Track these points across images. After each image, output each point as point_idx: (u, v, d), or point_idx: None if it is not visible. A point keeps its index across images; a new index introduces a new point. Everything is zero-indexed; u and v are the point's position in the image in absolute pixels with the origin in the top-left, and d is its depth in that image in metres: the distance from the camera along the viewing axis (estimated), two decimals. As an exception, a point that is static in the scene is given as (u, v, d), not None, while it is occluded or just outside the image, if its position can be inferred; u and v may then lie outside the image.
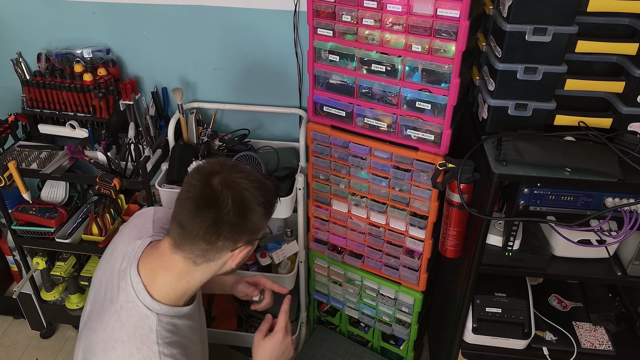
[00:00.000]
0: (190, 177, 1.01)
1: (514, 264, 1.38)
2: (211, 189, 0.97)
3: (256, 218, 1.01)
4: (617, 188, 1.21)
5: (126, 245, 1.12)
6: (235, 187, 0.98)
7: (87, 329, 1.08)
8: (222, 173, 0.99)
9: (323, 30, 1.44)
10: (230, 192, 0.97)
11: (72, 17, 1.87)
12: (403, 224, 1.61)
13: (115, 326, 1.01)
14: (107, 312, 1.04)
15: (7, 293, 2.26)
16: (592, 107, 1.33)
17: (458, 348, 1.57)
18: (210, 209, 0.97)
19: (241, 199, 0.98)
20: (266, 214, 1.03)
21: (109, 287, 1.08)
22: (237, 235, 1.01)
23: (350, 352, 1.95)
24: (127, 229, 1.19)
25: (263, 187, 1.02)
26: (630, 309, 1.65)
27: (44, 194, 2.00)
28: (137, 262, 1.06)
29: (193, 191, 0.98)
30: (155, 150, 1.79)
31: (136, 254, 1.08)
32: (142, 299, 1.02)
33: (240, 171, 1.01)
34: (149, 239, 1.11)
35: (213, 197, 0.97)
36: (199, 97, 1.98)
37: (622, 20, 1.24)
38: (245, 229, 1.01)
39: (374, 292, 1.79)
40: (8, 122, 1.87)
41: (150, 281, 1.04)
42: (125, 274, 1.06)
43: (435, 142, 1.43)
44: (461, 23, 1.24)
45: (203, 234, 0.98)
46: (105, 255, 1.17)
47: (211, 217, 0.97)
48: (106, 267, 1.13)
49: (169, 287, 1.04)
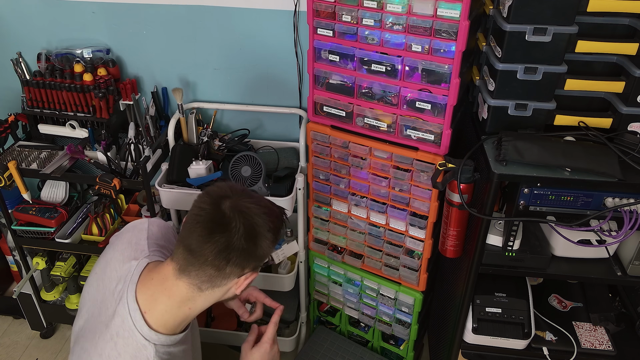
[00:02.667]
0: (200, 201, 1.00)
1: (514, 264, 1.38)
2: (222, 213, 0.97)
3: (265, 244, 1.01)
4: (617, 188, 1.21)
5: (120, 264, 1.09)
6: (247, 212, 0.98)
7: (80, 349, 1.05)
8: (232, 197, 0.99)
9: (323, 30, 1.44)
10: (241, 217, 0.97)
11: (72, 17, 1.87)
12: (403, 224, 1.61)
13: (111, 354, 0.99)
14: (101, 337, 1.01)
15: (7, 293, 2.26)
16: (592, 107, 1.33)
17: (458, 348, 1.57)
18: (222, 233, 0.96)
19: (252, 225, 0.98)
20: (274, 240, 1.03)
21: (103, 309, 1.05)
22: (246, 261, 1.01)
23: (350, 352, 1.95)
24: (120, 244, 1.15)
25: (272, 213, 1.02)
26: (630, 309, 1.65)
27: (44, 194, 2.00)
28: (135, 287, 1.03)
29: (204, 215, 0.97)
30: (155, 150, 1.79)
31: (132, 277, 1.04)
32: (139, 328, 1.00)
33: (250, 196, 1.01)
34: (145, 259, 1.08)
35: (224, 221, 0.96)
36: (199, 97, 1.98)
37: (622, 20, 1.24)
38: (255, 255, 1.01)
39: (374, 292, 1.79)
40: (8, 122, 1.87)
41: (149, 308, 1.02)
42: (121, 299, 1.03)
43: (435, 142, 1.43)
44: (461, 23, 1.24)
45: (212, 259, 0.97)
46: (97, 269, 1.13)
47: (222, 242, 0.96)
48: (99, 285, 1.09)
49: (168, 314, 1.02)
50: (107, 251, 1.16)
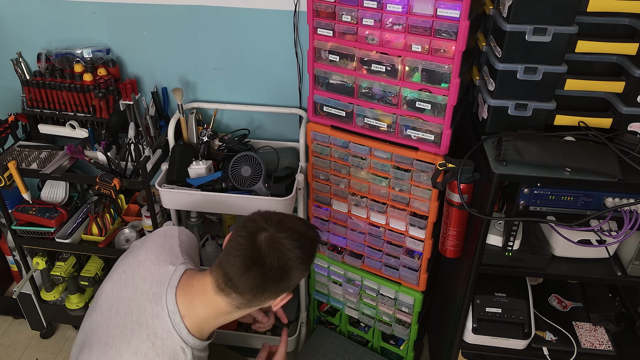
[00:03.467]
0: (238, 235, 1.06)
1: (514, 264, 1.38)
2: (258, 250, 1.03)
3: (298, 274, 1.08)
4: (617, 188, 1.21)
5: (155, 266, 1.13)
6: (280, 248, 1.04)
7: (105, 345, 1.07)
8: (268, 230, 1.05)
9: (323, 30, 1.44)
10: (275, 254, 1.03)
11: (72, 17, 1.87)
12: (403, 224, 1.61)
13: (148, 354, 1.03)
14: (136, 336, 1.04)
15: (7, 293, 2.26)
16: (592, 107, 1.33)
17: (458, 348, 1.57)
18: (257, 270, 1.03)
19: (286, 261, 1.04)
20: (307, 268, 1.10)
21: (136, 309, 1.08)
22: (281, 289, 1.09)
23: (350, 352, 1.95)
24: (153, 247, 1.18)
25: (305, 243, 1.08)
26: (630, 309, 1.65)
27: (44, 194, 2.00)
28: (175, 291, 1.07)
29: (241, 250, 1.04)
30: (155, 150, 1.79)
31: (172, 281, 1.09)
32: (179, 331, 1.05)
33: (284, 229, 1.06)
34: (182, 266, 1.13)
35: (260, 258, 1.03)
36: (199, 97, 1.98)
37: (622, 20, 1.24)
38: (289, 284, 1.08)
39: (374, 292, 1.79)
40: (8, 122, 1.87)
41: (187, 313, 1.06)
42: (160, 301, 1.07)
43: (435, 142, 1.43)
44: (461, 23, 1.24)
45: (249, 290, 1.04)
46: (125, 268, 1.16)
47: (258, 277, 1.03)
48: (128, 284, 1.12)
49: (205, 322, 1.08)
50: (138, 253, 1.18)
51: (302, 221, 1.13)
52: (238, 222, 1.06)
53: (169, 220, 1.85)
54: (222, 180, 1.72)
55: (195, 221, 1.99)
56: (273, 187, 1.69)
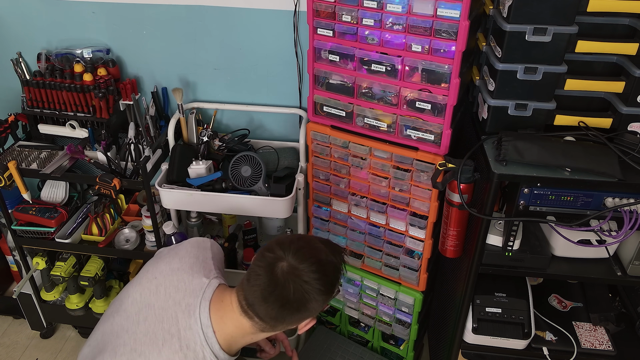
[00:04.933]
0: (256, 265, 1.06)
1: (514, 264, 1.38)
2: (276, 281, 1.02)
3: (317, 305, 1.06)
4: (617, 188, 1.21)
5: (189, 277, 1.13)
6: (297, 279, 1.02)
7: (134, 352, 1.06)
8: (286, 259, 1.03)
9: (323, 30, 1.44)
10: (292, 285, 1.02)
11: (72, 17, 1.87)
12: (403, 224, 1.61)
13: None
14: (167, 346, 1.04)
15: (7, 293, 2.26)
16: (592, 107, 1.33)
17: (458, 348, 1.57)
18: (275, 301, 1.03)
19: (303, 294, 1.03)
20: (328, 297, 1.08)
21: (167, 318, 1.08)
22: (301, 319, 1.09)
23: (350, 352, 1.95)
24: (186, 257, 1.18)
25: (326, 273, 1.06)
26: (630, 309, 1.65)
27: (44, 194, 2.00)
28: (208, 304, 1.08)
29: (259, 280, 1.04)
30: (155, 150, 1.79)
31: (205, 294, 1.09)
32: (211, 345, 1.05)
33: (302, 259, 1.04)
34: (216, 280, 1.13)
35: (277, 290, 1.02)
36: (199, 97, 1.98)
37: (622, 20, 1.24)
38: (308, 313, 1.08)
39: (374, 292, 1.79)
40: (8, 122, 1.87)
41: (218, 329, 1.07)
42: (194, 313, 1.07)
43: (435, 142, 1.43)
44: (461, 23, 1.24)
45: (270, 318, 1.05)
46: (156, 274, 1.15)
47: (276, 308, 1.03)
48: (160, 291, 1.12)
49: (233, 340, 1.09)
50: (171, 261, 1.18)
51: (325, 245, 1.10)
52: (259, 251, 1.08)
53: (169, 220, 1.85)
54: (222, 180, 1.72)
55: (195, 221, 1.99)
56: (273, 187, 1.69)
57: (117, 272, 2.15)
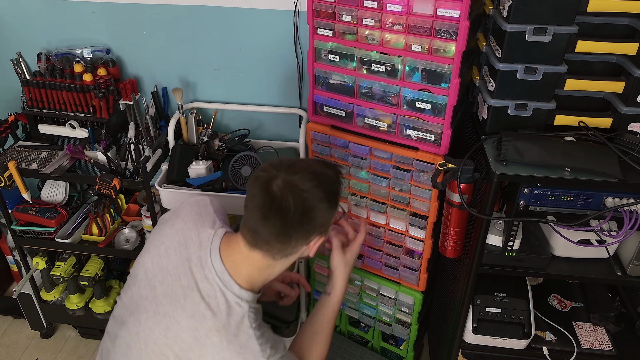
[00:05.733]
0: (251, 187, 1.04)
1: (514, 264, 1.38)
2: (272, 196, 1.00)
3: (321, 214, 1.04)
4: (617, 188, 1.21)
5: (196, 232, 1.13)
6: (294, 189, 1.01)
7: (158, 314, 1.07)
8: (280, 176, 1.02)
9: (323, 30, 1.44)
10: (291, 196, 1.00)
11: (72, 17, 1.88)
12: (403, 224, 1.61)
13: (205, 314, 1.03)
14: (189, 300, 1.05)
15: (7, 293, 2.26)
16: (592, 107, 1.33)
17: (458, 348, 1.57)
18: (276, 216, 1.00)
19: (302, 201, 1.01)
20: (331, 205, 1.06)
21: (183, 275, 1.08)
22: (308, 232, 1.05)
23: (350, 352, 1.95)
24: (189, 215, 1.18)
25: (323, 181, 1.04)
26: (630, 309, 1.65)
27: (44, 194, 2.00)
28: (218, 252, 1.08)
29: (256, 201, 1.02)
30: (155, 150, 1.79)
31: (214, 243, 1.10)
32: (230, 288, 1.06)
33: (296, 171, 1.03)
34: (221, 229, 1.13)
35: (275, 204, 1.00)
36: (199, 97, 1.98)
37: (622, 20, 1.24)
38: (314, 226, 1.05)
39: (374, 292, 1.79)
40: (8, 122, 1.87)
41: (234, 271, 1.07)
42: (206, 263, 1.07)
43: (435, 142, 1.43)
44: (461, 23, 1.24)
45: (275, 238, 1.03)
46: (163, 239, 1.15)
47: (278, 224, 1.01)
48: (170, 253, 1.12)
49: (252, 277, 1.08)
50: (174, 222, 1.18)
51: (317, 161, 1.11)
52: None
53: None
54: (222, 180, 1.72)
55: (195, 221, 1.99)
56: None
57: (117, 272, 2.15)
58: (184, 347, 1.04)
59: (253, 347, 1.04)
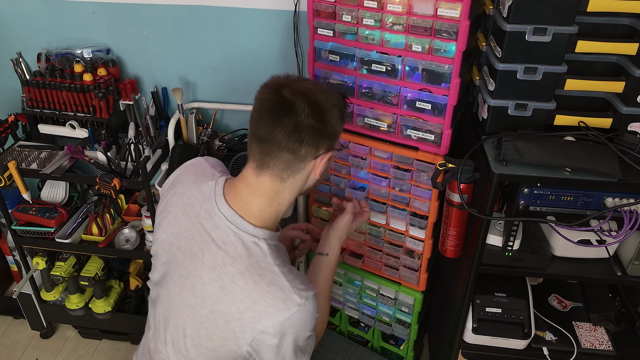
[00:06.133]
0: (261, 93, 1.03)
1: (514, 264, 1.38)
2: (285, 98, 0.99)
3: (333, 120, 1.03)
4: (617, 188, 1.21)
5: (198, 189, 1.10)
6: (307, 92, 1.00)
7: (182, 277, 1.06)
8: (290, 85, 1.01)
9: (323, 30, 1.44)
10: (304, 98, 0.99)
11: (72, 17, 1.88)
12: (403, 224, 1.61)
13: (225, 261, 1.01)
14: (207, 253, 1.03)
15: (7, 293, 2.27)
16: (592, 107, 1.33)
17: (458, 348, 1.57)
18: (289, 115, 0.98)
19: (316, 102, 1.00)
20: (341, 117, 1.06)
21: (196, 232, 1.06)
22: (318, 139, 1.02)
23: (350, 352, 1.95)
24: (186, 178, 1.16)
25: (332, 93, 1.05)
26: (630, 309, 1.65)
27: (44, 194, 2.00)
28: (223, 198, 1.06)
29: (267, 104, 1.00)
30: (155, 150, 1.79)
31: (217, 191, 1.07)
32: (244, 229, 1.03)
33: (306, 80, 1.04)
34: (222, 178, 1.10)
35: (288, 104, 0.98)
36: (199, 97, 1.98)
37: (622, 20, 1.24)
38: (325, 132, 1.03)
39: (374, 292, 1.79)
40: (8, 122, 1.87)
41: (244, 211, 1.04)
42: (214, 212, 1.05)
43: (436, 142, 1.43)
44: (461, 23, 1.24)
45: (286, 143, 0.99)
46: (170, 209, 1.14)
47: (291, 124, 0.98)
48: (179, 218, 1.10)
49: (264, 212, 1.05)
50: (175, 189, 1.17)
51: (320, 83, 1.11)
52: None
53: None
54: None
55: (195, 221, 1.99)
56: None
57: (117, 272, 2.15)
58: (213, 300, 1.01)
59: (282, 283, 0.99)
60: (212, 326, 1.02)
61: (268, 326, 0.97)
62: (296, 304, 0.97)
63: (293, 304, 0.97)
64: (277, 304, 0.97)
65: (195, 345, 1.06)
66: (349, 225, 1.29)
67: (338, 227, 1.29)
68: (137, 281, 2.09)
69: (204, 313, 1.03)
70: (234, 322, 1.00)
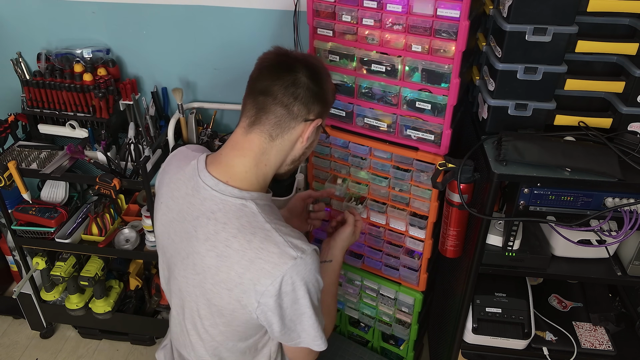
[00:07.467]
0: (264, 54, 1.07)
1: (514, 264, 1.38)
2: (286, 57, 1.06)
3: (327, 87, 1.08)
4: (617, 188, 1.21)
5: (181, 174, 1.11)
6: (307, 58, 1.07)
7: (184, 260, 1.07)
8: (291, 52, 1.08)
9: (323, 30, 1.44)
10: (303, 61, 1.05)
11: (72, 17, 1.88)
12: (403, 224, 1.61)
13: (217, 229, 1.00)
14: (199, 228, 1.03)
15: (7, 293, 2.27)
16: (592, 107, 1.33)
17: (458, 348, 1.57)
18: (289, 72, 1.02)
19: (314, 66, 1.05)
20: (334, 88, 1.12)
21: (186, 212, 1.06)
22: (312, 101, 1.04)
23: (350, 352, 1.94)
24: (171, 167, 1.17)
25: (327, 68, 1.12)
26: (630, 309, 1.65)
27: (44, 194, 2.00)
28: (206, 171, 1.05)
29: (269, 62, 1.05)
30: (155, 150, 1.79)
31: (199, 166, 1.07)
32: (229, 193, 1.02)
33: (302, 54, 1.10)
34: (203, 155, 1.10)
35: (289, 62, 1.04)
36: (199, 97, 1.98)
37: (622, 20, 1.24)
38: (319, 96, 1.05)
39: (374, 292, 1.79)
40: (8, 122, 1.87)
41: (229, 176, 1.04)
42: (199, 186, 1.04)
43: (435, 142, 1.43)
44: (461, 23, 1.24)
45: (282, 96, 1.01)
46: (162, 200, 1.15)
47: (290, 79, 1.02)
48: (170, 205, 1.11)
49: (250, 173, 1.05)
50: (163, 180, 1.17)
51: None
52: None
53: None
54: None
55: (195, 221, 1.99)
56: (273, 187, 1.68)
57: (117, 272, 2.15)
58: (213, 271, 1.01)
59: (275, 238, 0.98)
60: (218, 300, 1.02)
61: (267, 285, 0.96)
62: (291, 257, 0.96)
63: (289, 258, 0.96)
64: (273, 259, 0.96)
65: (212, 325, 1.07)
66: (350, 237, 1.32)
67: (340, 239, 1.31)
68: (137, 281, 2.09)
69: (208, 288, 1.02)
70: (236, 289, 0.99)
